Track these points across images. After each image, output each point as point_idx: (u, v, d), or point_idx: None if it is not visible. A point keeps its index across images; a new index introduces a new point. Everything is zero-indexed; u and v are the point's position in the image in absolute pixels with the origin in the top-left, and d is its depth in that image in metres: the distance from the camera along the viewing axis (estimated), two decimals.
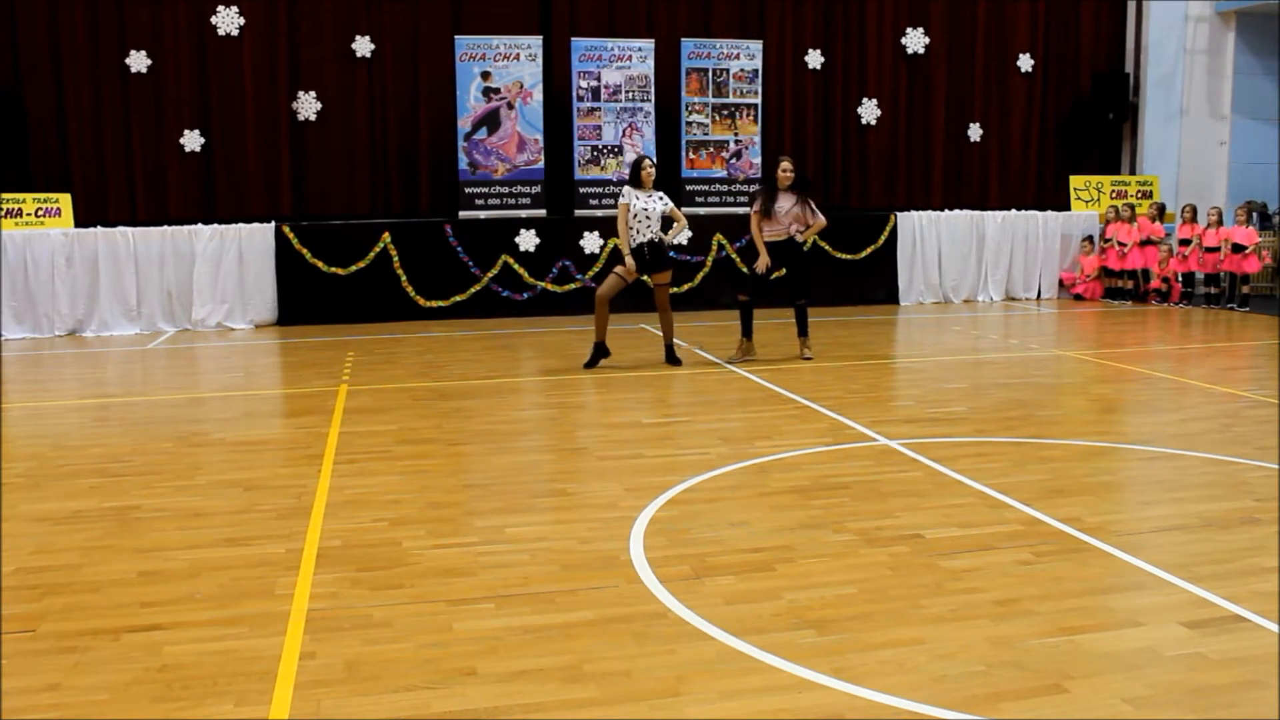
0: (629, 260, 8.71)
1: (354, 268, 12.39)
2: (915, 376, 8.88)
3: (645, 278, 10.14)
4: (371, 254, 12.43)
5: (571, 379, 8.76)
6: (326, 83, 13.03)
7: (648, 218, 8.76)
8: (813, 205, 9.16)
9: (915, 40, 14.73)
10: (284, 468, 5.83)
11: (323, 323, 12.25)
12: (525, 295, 12.87)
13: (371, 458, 6.01)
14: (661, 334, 9.14)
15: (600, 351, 9.02)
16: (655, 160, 8.77)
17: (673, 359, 9.07)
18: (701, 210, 13.68)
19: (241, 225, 12.36)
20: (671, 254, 12.78)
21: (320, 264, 12.32)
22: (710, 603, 3.87)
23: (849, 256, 13.86)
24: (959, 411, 7.18)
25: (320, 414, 7.25)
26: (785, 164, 9.12)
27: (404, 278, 12.52)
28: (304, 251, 12.32)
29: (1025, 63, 15.15)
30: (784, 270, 9.28)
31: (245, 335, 11.78)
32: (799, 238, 9.09)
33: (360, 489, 5.38)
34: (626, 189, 8.83)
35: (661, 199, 8.82)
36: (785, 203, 9.02)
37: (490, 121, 13.07)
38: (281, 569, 4.25)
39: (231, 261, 12.24)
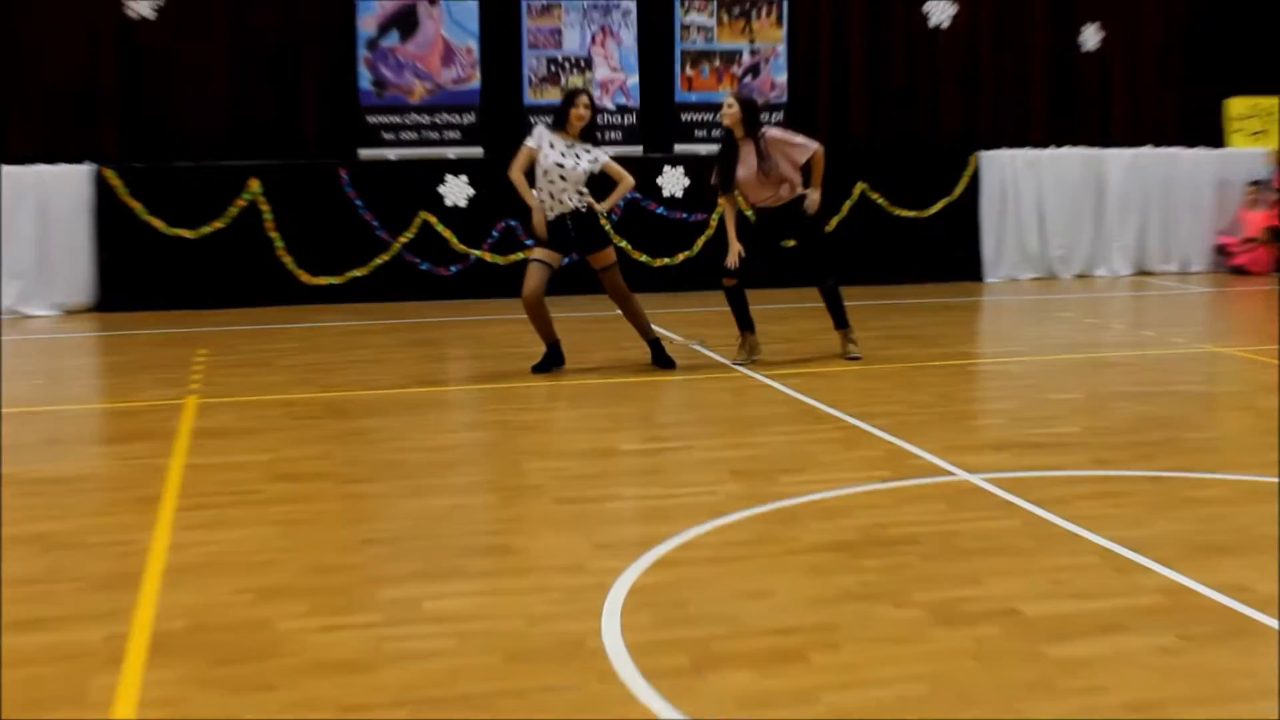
0: (538, 229, 8.68)
1: (207, 229, 12.36)
2: (1008, 384, 8.87)
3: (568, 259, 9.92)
4: (233, 210, 12.40)
5: (519, 388, 8.72)
6: None
7: (560, 178, 8.65)
8: (789, 138, 8.95)
9: None
10: (103, 516, 5.77)
11: (162, 308, 12.22)
12: (454, 269, 12.86)
13: (232, 501, 5.96)
14: (637, 331, 9.12)
15: (552, 355, 9.00)
16: (595, 103, 8.55)
17: (662, 359, 9.06)
18: (703, 150, 13.71)
19: (43, 168, 12.27)
20: (611, 220, 12.72)
21: (159, 224, 12.28)
22: (717, 707, 3.84)
23: (912, 214, 13.92)
24: (1071, 434, 7.17)
25: (157, 439, 7.19)
26: (727, 100, 8.98)
27: (279, 243, 12.49)
28: (135, 206, 12.27)
29: None
30: (793, 241, 9.27)
31: (48, 326, 11.72)
32: (807, 197, 8.96)
33: (215, 546, 5.32)
34: (539, 128, 8.82)
35: (589, 156, 8.74)
36: (749, 160, 8.92)
37: (403, 23, 13.06)
38: (98, 663, 4.19)
39: (27, 221, 12.14)
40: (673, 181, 13.34)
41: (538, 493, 6.11)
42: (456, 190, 12.85)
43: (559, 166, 8.65)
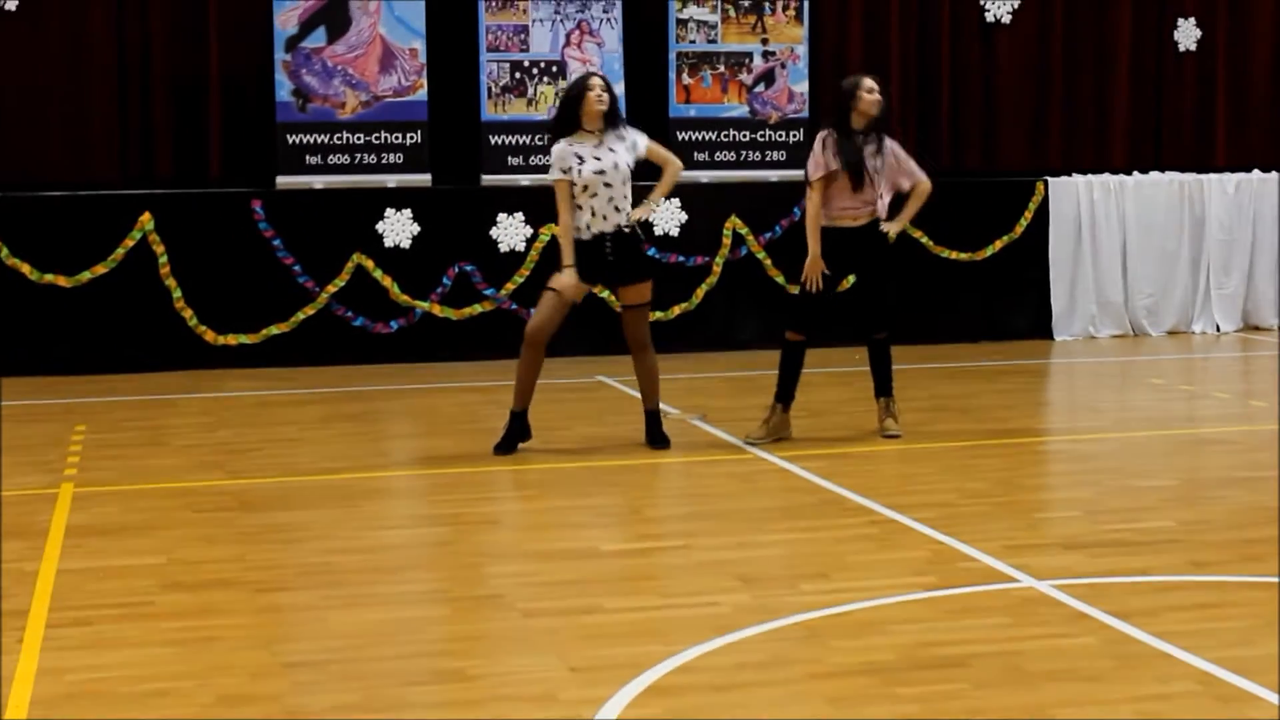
0: (567, 270, 8.74)
1: (87, 275, 12.35)
2: (1083, 467, 8.89)
3: (602, 293, 10.11)
4: (120, 251, 12.40)
5: (476, 473, 8.72)
6: None
7: (605, 186, 8.77)
8: (906, 156, 9.33)
9: None
10: None
11: (29, 373, 12.16)
12: (395, 325, 12.87)
13: (117, 615, 5.94)
14: (640, 393, 9.18)
15: (518, 428, 9.03)
16: (610, 84, 8.75)
17: (657, 437, 9.11)
18: (704, 176, 13.79)
19: None
20: (651, 248, 12.83)
21: (25, 269, 12.28)
22: None
23: (964, 256, 13.99)
24: (1162, 529, 7.19)
25: (23, 537, 7.16)
26: (869, 82, 9.21)
27: (177, 293, 12.49)
28: None
29: None
30: (853, 277, 9.35)
31: None
32: (887, 226, 9.17)
33: (94, 673, 5.30)
34: (559, 146, 8.85)
35: (626, 142, 8.88)
36: (874, 156, 9.12)
37: (332, 19, 13.14)
38: None
39: None
40: (666, 218, 13.34)
41: (499, 604, 6.09)
42: (398, 228, 12.89)
43: (599, 175, 8.74)
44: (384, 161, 13.21)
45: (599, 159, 8.76)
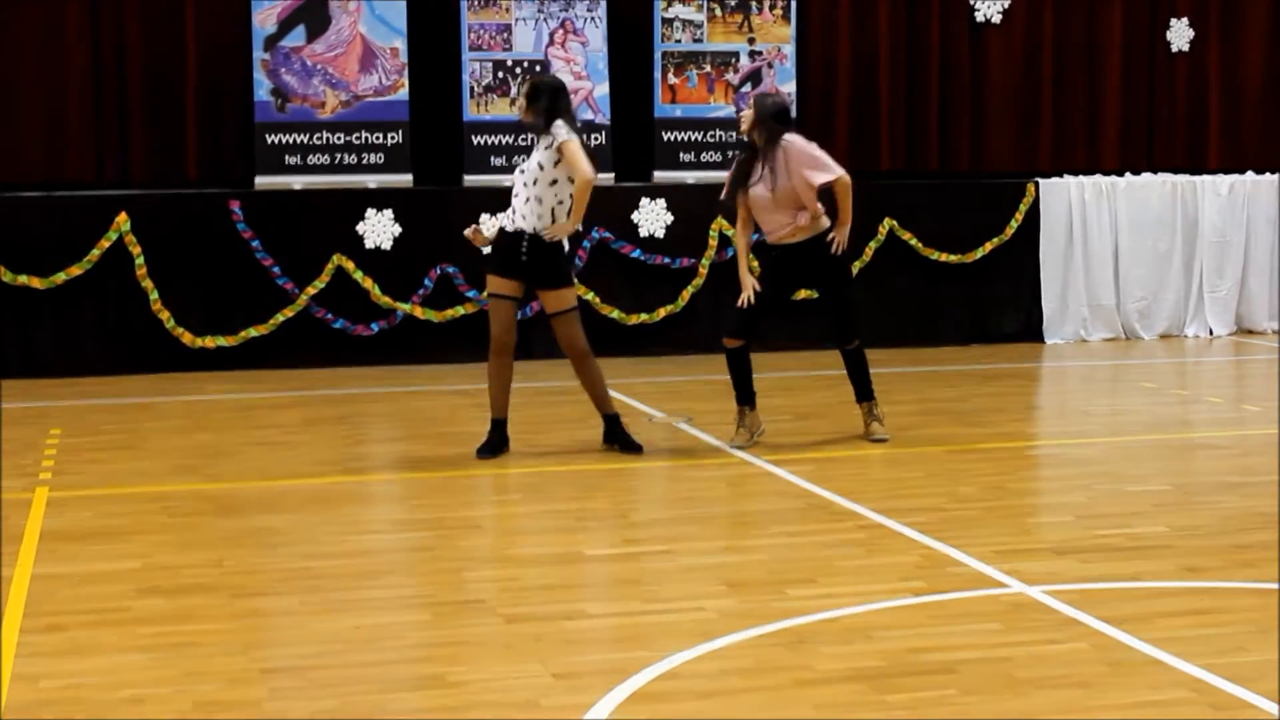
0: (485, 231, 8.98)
1: (62, 277, 12.33)
2: (1074, 472, 8.90)
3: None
4: (95, 252, 12.38)
5: (458, 477, 8.72)
6: None
7: (524, 185, 8.86)
8: (810, 151, 9.02)
9: None
10: None
11: (4, 376, 12.14)
12: (376, 327, 12.86)
13: (91, 621, 5.93)
14: (592, 402, 9.19)
15: (498, 438, 9.07)
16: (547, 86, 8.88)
17: (621, 439, 9.14)
18: (690, 177, 13.80)
19: None
20: (576, 265, 12.79)
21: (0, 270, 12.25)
22: None
23: (953, 258, 14.01)
24: (1154, 535, 7.21)
25: None
26: (744, 111, 9.35)
27: (155, 295, 12.47)
28: None
29: None
30: (814, 291, 9.33)
31: None
32: (831, 234, 9.05)
33: (70, 679, 5.29)
34: (561, 124, 8.79)
35: (545, 140, 8.82)
36: (764, 176, 9.03)
37: (311, 18, 13.14)
38: None
39: None
40: (652, 218, 13.36)
41: (482, 609, 6.09)
42: (379, 229, 12.88)
43: (519, 174, 8.92)
44: (364, 162, 13.22)
45: (526, 158, 8.93)
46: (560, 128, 8.69)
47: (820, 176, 8.96)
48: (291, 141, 13.11)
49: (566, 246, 9.14)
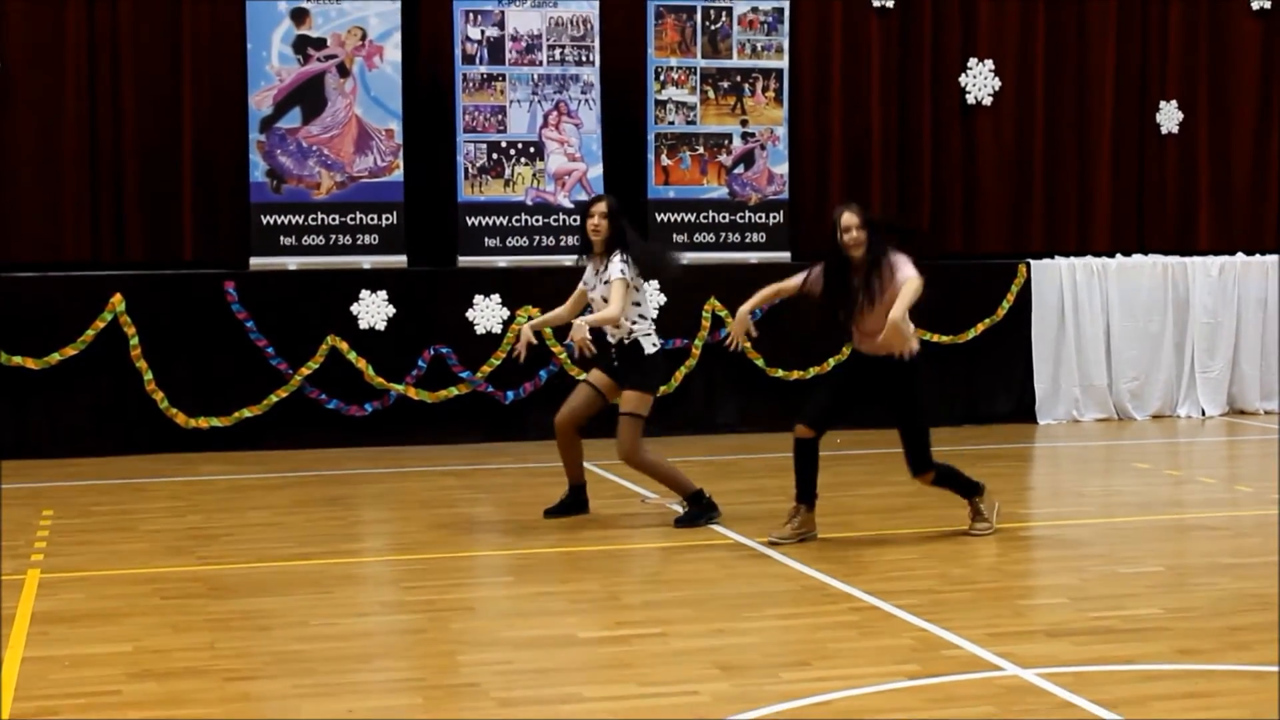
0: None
1: (56, 357, 12.35)
2: (1068, 553, 8.91)
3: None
4: (90, 332, 12.41)
5: (451, 559, 8.72)
6: (12, 26, 13.14)
7: (600, 297, 9.45)
8: (893, 262, 8.74)
9: None
10: None
11: None
12: (370, 408, 12.88)
13: (82, 705, 5.91)
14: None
15: (571, 500, 9.71)
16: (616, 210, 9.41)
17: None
18: (683, 258, 13.79)
19: None
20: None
21: None
22: None
23: (946, 339, 14.06)
24: (1149, 617, 7.22)
25: None
26: (848, 218, 8.75)
27: (149, 376, 12.49)
28: None
29: None
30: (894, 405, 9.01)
31: None
32: (903, 346, 8.66)
33: None
34: (618, 259, 9.31)
35: (606, 273, 9.38)
36: (864, 290, 8.65)
37: (307, 98, 13.22)
38: None
39: None
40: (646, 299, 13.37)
41: (475, 693, 6.09)
42: (374, 309, 12.93)
43: (591, 287, 9.51)
44: (359, 243, 13.24)
45: (594, 287, 9.43)
46: (615, 264, 9.25)
47: (908, 273, 8.70)
48: (286, 222, 13.15)
49: (651, 350, 9.45)
